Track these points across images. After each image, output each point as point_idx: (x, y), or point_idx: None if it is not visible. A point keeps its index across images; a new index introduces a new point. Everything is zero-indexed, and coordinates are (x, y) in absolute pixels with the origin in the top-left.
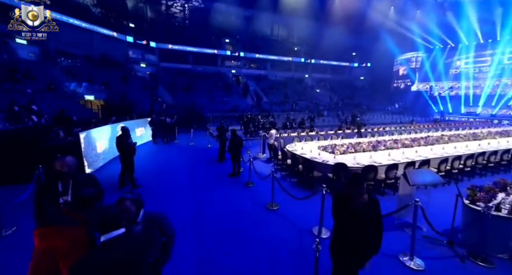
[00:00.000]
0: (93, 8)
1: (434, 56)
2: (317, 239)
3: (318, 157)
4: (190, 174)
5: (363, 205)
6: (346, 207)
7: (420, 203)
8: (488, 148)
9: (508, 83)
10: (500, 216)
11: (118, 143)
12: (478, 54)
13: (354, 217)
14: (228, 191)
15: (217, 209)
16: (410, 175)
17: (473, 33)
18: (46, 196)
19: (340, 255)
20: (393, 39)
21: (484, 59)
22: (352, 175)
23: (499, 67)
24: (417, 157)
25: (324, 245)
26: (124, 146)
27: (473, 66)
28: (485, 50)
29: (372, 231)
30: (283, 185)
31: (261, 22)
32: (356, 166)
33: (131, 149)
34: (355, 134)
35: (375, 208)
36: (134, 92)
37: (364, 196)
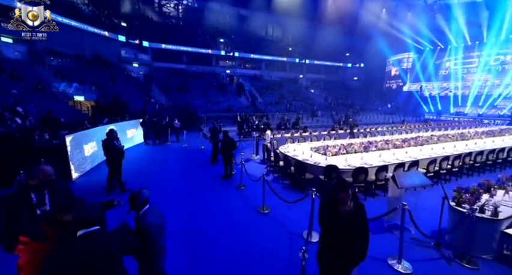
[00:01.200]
0: (84, 6)
1: (425, 57)
2: (304, 247)
3: (310, 158)
4: (181, 177)
5: (349, 211)
6: (332, 213)
7: (408, 207)
8: (474, 148)
9: (495, 84)
10: (484, 218)
11: (105, 146)
12: (466, 55)
13: (340, 223)
14: (219, 194)
15: (207, 213)
16: (399, 178)
17: (462, 35)
18: (21, 207)
19: (327, 262)
20: (386, 40)
21: (472, 60)
22: (338, 180)
23: (486, 68)
24: (407, 157)
25: (313, 250)
26: (112, 150)
27: (461, 67)
28: (472, 51)
29: (359, 237)
30: (276, 187)
31: (256, 22)
32: (348, 167)
33: (119, 153)
34: (348, 134)
35: (361, 214)
36: (127, 93)
37: (350, 202)
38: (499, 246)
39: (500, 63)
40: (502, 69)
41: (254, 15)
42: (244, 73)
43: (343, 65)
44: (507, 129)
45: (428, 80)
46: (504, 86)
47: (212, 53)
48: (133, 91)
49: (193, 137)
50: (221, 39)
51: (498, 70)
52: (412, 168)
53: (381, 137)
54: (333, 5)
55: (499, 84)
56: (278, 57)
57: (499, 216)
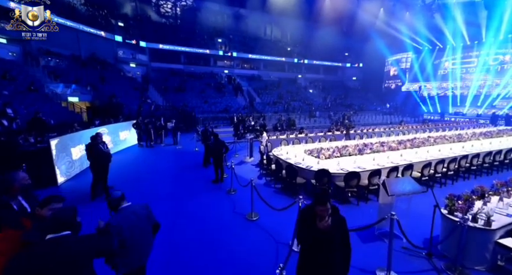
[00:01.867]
0: (80, 6)
1: (424, 57)
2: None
3: (302, 162)
4: (171, 180)
5: (328, 226)
6: (310, 227)
7: (397, 216)
8: (471, 150)
9: (494, 84)
10: (477, 227)
11: (90, 150)
12: (465, 55)
13: (319, 238)
14: (208, 200)
15: (192, 220)
16: (389, 185)
17: (460, 35)
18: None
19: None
20: (384, 40)
21: (471, 60)
22: (318, 191)
23: (484, 68)
24: (402, 161)
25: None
26: (97, 154)
27: (460, 67)
28: (471, 51)
29: (339, 254)
30: (267, 192)
31: (254, 22)
32: (340, 171)
33: (106, 157)
34: (344, 136)
35: (342, 229)
36: (123, 93)
37: (328, 217)
38: (492, 257)
39: (499, 63)
40: (501, 69)
41: (252, 15)
42: (243, 73)
43: (342, 65)
44: (505, 130)
45: (426, 80)
46: (503, 86)
47: (210, 53)
48: (130, 92)
49: (188, 138)
50: (219, 39)
51: (497, 70)
52: (406, 172)
53: (377, 138)
54: (331, 4)
55: (498, 84)
56: (277, 57)
57: (492, 225)
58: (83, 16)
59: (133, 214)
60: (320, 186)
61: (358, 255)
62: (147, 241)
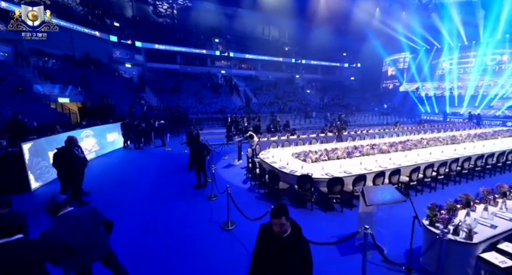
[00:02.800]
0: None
1: (421, 57)
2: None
3: (287, 166)
4: (152, 184)
5: (285, 243)
6: (265, 245)
7: (370, 230)
8: (463, 153)
9: (491, 84)
10: (457, 241)
11: (63, 155)
12: (463, 55)
13: (273, 256)
14: (186, 206)
15: (167, 229)
16: (368, 193)
17: (458, 34)
18: None
19: None
20: (382, 40)
21: (468, 60)
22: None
23: (482, 68)
24: (391, 164)
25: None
26: (71, 158)
27: (458, 67)
28: (469, 51)
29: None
30: (250, 197)
31: (252, 22)
32: (324, 176)
33: (80, 162)
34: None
35: (300, 251)
36: (116, 94)
37: (287, 232)
38: (475, 272)
39: (496, 63)
40: (499, 69)
41: (250, 15)
42: (240, 73)
43: (340, 65)
44: (501, 131)
45: (424, 80)
46: (500, 86)
47: (207, 53)
48: (123, 92)
49: (180, 140)
50: (216, 40)
51: (495, 70)
52: (394, 176)
53: (369, 140)
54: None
55: (495, 84)
56: (274, 57)
57: (474, 239)
58: (77, 16)
59: (73, 219)
60: (302, 192)
61: (334, 267)
62: (94, 242)
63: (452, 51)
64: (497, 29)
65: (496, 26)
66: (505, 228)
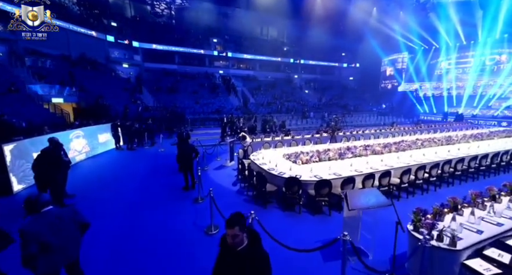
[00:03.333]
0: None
1: (420, 57)
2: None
3: (276, 168)
4: (140, 187)
5: (240, 256)
6: (223, 255)
7: (349, 237)
8: (457, 154)
9: (490, 84)
10: (441, 247)
11: (48, 157)
12: (462, 55)
13: (228, 269)
14: (171, 210)
15: (148, 234)
16: (351, 197)
17: (456, 34)
18: None
19: None
20: (380, 40)
21: (467, 60)
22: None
23: (481, 68)
24: (382, 166)
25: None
26: (55, 161)
27: (456, 67)
28: (467, 51)
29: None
30: (239, 200)
31: (250, 22)
32: (313, 179)
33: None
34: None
35: (256, 263)
36: (113, 94)
37: (242, 244)
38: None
39: (495, 63)
40: (497, 69)
41: (248, 15)
42: (238, 73)
43: (339, 65)
44: (497, 131)
45: (423, 80)
46: (498, 86)
47: (205, 53)
48: (119, 93)
49: (174, 141)
50: (214, 40)
51: (493, 70)
52: (384, 179)
53: (363, 141)
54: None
55: (494, 84)
56: (273, 57)
57: (458, 245)
58: (74, 16)
59: (56, 217)
60: (290, 195)
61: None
62: (73, 242)
63: (450, 51)
64: (495, 29)
65: (494, 26)
66: (491, 233)
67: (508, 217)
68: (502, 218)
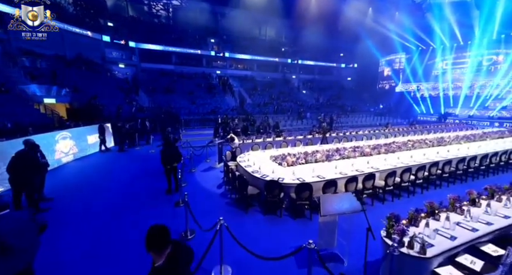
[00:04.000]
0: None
1: (417, 57)
2: None
3: (259, 170)
4: (122, 190)
5: (158, 270)
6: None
7: (314, 245)
8: (447, 156)
9: (487, 84)
10: (410, 255)
11: (24, 159)
12: (459, 55)
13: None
14: (151, 213)
15: (122, 239)
16: (324, 202)
17: (454, 35)
18: None
19: None
20: (378, 41)
21: (464, 60)
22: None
23: (478, 68)
24: (368, 168)
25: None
26: (32, 164)
27: (453, 68)
28: (465, 51)
29: None
30: (221, 203)
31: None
32: (292, 182)
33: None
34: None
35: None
36: (108, 94)
37: (161, 260)
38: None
39: (492, 64)
40: (495, 69)
41: (246, 15)
42: (236, 74)
43: (337, 65)
44: (490, 132)
45: (420, 81)
46: (495, 86)
47: (202, 54)
48: (114, 93)
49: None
50: (212, 40)
51: (490, 70)
52: (368, 181)
53: (353, 143)
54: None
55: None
56: (270, 57)
57: (428, 252)
58: (69, 16)
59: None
60: (271, 198)
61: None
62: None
63: (447, 52)
64: (492, 29)
65: (490, 26)
66: (465, 239)
67: (484, 221)
68: (478, 223)
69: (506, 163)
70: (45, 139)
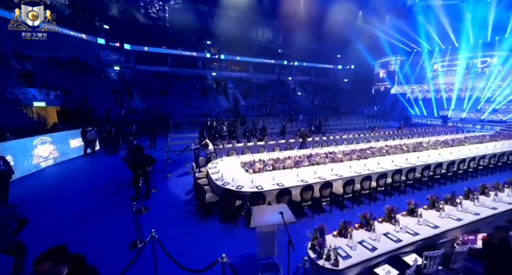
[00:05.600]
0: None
1: (411, 59)
2: None
3: (222, 177)
4: (92, 195)
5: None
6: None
7: (227, 259)
8: (416, 163)
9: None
10: (325, 267)
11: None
12: (453, 57)
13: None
14: (110, 221)
15: (76, 246)
16: (254, 215)
17: (447, 37)
18: None
19: None
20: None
21: (458, 62)
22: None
23: (472, 70)
24: (332, 175)
25: None
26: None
27: (447, 70)
28: (458, 53)
29: None
30: (184, 211)
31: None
32: (253, 190)
33: (3, 175)
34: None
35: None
36: (101, 97)
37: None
38: None
39: (487, 66)
40: (489, 71)
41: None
42: (231, 75)
43: (333, 67)
44: (472, 137)
45: (414, 83)
46: (488, 88)
47: (198, 56)
48: (108, 95)
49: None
50: (208, 42)
51: (485, 72)
52: (325, 190)
53: (328, 148)
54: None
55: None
56: (267, 59)
57: (341, 265)
58: (64, 18)
59: None
60: (227, 206)
61: None
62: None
63: (440, 54)
64: (485, 32)
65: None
66: (386, 250)
67: (412, 232)
68: (405, 234)
69: (476, 169)
70: (23, 143)
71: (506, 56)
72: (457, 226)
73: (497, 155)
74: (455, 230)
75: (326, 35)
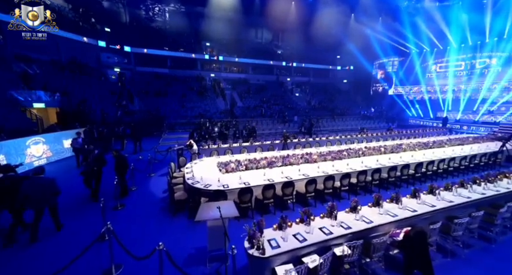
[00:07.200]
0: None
1: (409, 60)
2: None
3: (192, 177)
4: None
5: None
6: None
7: (164, 247)
8: (384, 164)
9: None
10: (253, 255)
11: None
12: (452, 58)
13: None
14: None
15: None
16: (201, 210)
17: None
18: None
19: None
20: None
21: (458, 63)
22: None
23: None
24: (299, 175)
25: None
26: None
27: (445, 71)
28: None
29: None
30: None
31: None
32: (220, 188)
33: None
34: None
35: None
36: (101, 98)
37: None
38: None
39: (485, 67)
40: (488, 72)
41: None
42: (230, 77)
43: (332, 67)
44: (455, 139)
45: (411, 84)
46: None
47: (196, 57)
48: (107, 97)
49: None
50: (207, 43)
51: (484, 73)
52: (287, 189)
53: (306, 149)
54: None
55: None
56: (265, 60)
57: (267, 253)
58: (65, 20)
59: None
60: (192, 203)
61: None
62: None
63: (439, 55)
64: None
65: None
66: (315, 241)
67: (346, 226)
68: (339, 228)
69: (446, 170)
70: (16, 143)
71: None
72: (391, 221)
73: (468, 157)
74: (389, 225)
75: (325, 36)
